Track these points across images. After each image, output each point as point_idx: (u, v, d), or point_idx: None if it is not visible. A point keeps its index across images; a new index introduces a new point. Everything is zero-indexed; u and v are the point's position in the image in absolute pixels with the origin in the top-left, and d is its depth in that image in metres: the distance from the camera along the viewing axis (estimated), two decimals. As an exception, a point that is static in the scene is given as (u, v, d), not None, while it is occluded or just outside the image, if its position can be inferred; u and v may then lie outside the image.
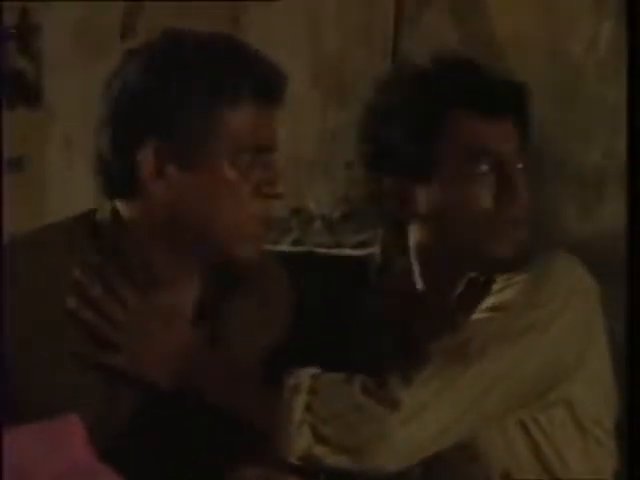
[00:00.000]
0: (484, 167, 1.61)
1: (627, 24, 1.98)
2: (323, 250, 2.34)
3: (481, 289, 1.64)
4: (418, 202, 1.64)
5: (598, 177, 2.17)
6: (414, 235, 1.69)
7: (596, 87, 2.16)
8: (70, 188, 2.64)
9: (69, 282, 1.50)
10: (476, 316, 1.59)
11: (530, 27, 2.20)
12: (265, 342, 1.61)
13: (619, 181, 2.10)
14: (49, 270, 1.50)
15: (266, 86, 1.48)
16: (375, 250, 2.27)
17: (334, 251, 2.35)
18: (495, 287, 1.62)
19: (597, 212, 2.18)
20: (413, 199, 1.64)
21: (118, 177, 1.49)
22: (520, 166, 1.64)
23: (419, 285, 1.70)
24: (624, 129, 1.87)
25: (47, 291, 1.49)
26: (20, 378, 1.47)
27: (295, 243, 2.41)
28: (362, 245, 2.33)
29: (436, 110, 1.62)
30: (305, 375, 1.50)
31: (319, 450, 1.47)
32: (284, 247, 2.37)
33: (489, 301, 1.60)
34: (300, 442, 1.47)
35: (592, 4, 2.16)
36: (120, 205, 1.52)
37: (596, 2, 2.15)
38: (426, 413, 1.48)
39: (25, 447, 1.34)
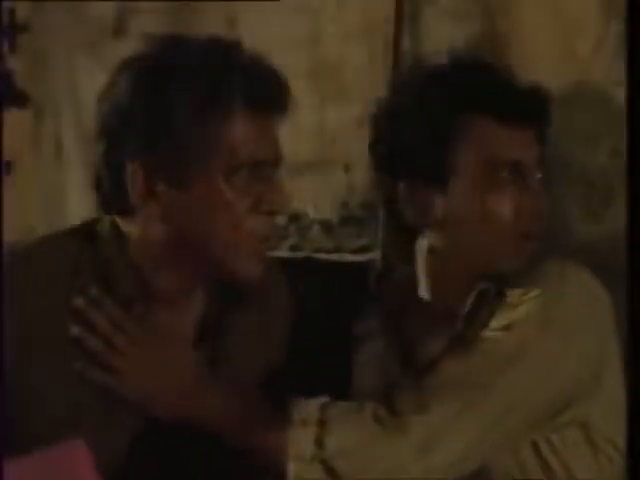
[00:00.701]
0: (504, 176, 1.57)
1: (628, 25, 1.96)
2: (322, 255, 2.33)
3: (492, 302, 1.60)
4: (435, 209, 1.59)
5: (604, 179, 2.15)
6: (425, 242, 1.64)
7: (602, 88, 2.14)
8: (60, 189, 2.62)
9: (70, 289, 1.46)
10: (489, 334, 1.56)
11: (534, 27, 2.17)
12: (265, 355, 1.58)
13: (625, 183, 2.07)
14: (49, 278, 1.47)
15: (264, 95, 1.43)
16: (376, 255, 2.24)
17: (334, 256, 2.34)
18: (507, 303, 1.58)
19: (603, 214, 2.16)
20: (430, 206, 1.59)
21: (111, 194, 1.46)
22: (539, 176, 1.60)
23: (424, 294, 1.66)
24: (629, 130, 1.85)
25: (47, 294, 1.46)
26: (19, 379, 1.44)
27: (293, 248, 2.39)
28: (362, 250, 2.31)
29: (452, 112, 1.56)
30: (313, 407, 1.46)
31: None
32: (282, 253, 2.35)
33: (502, 319, 1.57)
34: (311, 479, 1.43)
35: (599, 4, 2.14)
36: (119, 220, 1.49)
37: (603, 2, 2.14)
38: (442, 441, 1.45)
39: (31, 473, 1.31)
